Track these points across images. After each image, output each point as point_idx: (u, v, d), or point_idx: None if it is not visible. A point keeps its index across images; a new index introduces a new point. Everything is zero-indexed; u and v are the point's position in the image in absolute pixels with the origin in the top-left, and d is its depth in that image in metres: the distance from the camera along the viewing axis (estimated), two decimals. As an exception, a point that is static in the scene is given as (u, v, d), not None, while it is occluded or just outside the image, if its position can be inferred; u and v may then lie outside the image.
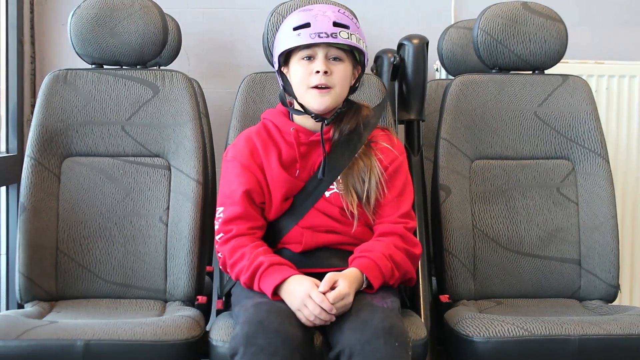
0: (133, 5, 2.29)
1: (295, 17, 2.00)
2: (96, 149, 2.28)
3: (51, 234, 2.22)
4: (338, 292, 1.80)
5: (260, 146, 2.02)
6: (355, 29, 1.98)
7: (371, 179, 1.98)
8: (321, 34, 1.94)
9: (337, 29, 1.95)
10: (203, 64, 3.12)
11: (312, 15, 1.97)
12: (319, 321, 1.79)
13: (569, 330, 1.92)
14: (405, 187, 2.03)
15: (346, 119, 2.02)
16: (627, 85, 2.97)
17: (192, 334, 1.91)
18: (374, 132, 2.06)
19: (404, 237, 1.96)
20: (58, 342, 1.83)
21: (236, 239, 1.96)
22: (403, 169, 2.04)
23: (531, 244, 2.30)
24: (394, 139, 2.08)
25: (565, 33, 2.35)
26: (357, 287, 1.86)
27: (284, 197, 1.99)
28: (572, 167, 2.34)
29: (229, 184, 2.01)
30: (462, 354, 1.98)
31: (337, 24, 1.96)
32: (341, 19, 1.97)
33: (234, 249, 1.94)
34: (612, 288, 2.28)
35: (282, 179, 1.99)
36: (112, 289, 2.23)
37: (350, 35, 1.96)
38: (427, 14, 3.12)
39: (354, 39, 1.96)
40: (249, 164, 2.01)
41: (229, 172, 2.03)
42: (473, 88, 2.35)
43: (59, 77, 2.29)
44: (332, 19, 1.96)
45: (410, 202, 2.02)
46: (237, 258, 1.92)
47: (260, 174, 2.00)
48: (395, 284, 1.94)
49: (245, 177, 2.00)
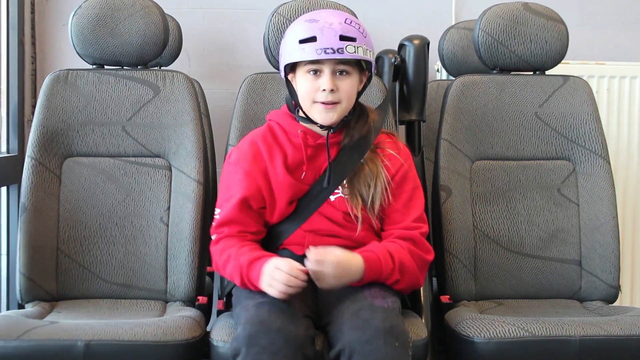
0: (134, 6, 2.29)
1: (301, 28, 1.95)
2: (97, 149, 2.28)
3: (52, 234, 2.22)
4: (326, 251, 1.81)
5: (265, 150, 2.01)
6: (362, 39, 1.93)
7: (377, 185, 1.97)
8: (327, 50, 1.90)
9: (343, 43, 1.90)
10: (204, 64, 3.12)
11: (318, 28, 1.91)
12: (291, 290, 1.78)
13: (569, 331, 1.92)
14: (415, 192, 2.01)
15: (356, 125, 1.99)
16: (628, 86, 2.97)
17: (193, 335, 1.91)
18: (379, 137, 2.05)
19: (418, 242, 1.96)
20: (59, 343, 1.83)
21: (225, 240, 1.96)
22: (411, 175, 2.03)
23: (532, 244, 2.30)
24: (400, 145, 2.07)
25: (566, 34, 2.35)
26: (348, 268, 1.85)
27: (288, 201, 1.99)
28: (573, 167, 2.34)
29: (228, 188, 2.01)
30: (462, 354, 1.98)
31: (343, 37, 1.91)
32: (348, 31, 1.92)
33: (221, 250, 1.95)
34: (612, 289, 2.28)
35: (287, 184, 1.98)
36: (112, 290, 2.23)
37: (357, 48, 1.91)
38: (427, 14, 3.12)
39: (361, 52, 1.92)
40: (251, 169, 1.99)
41: (230, 175, 2.02)
42: (474, 89, 2.35)
43: (59, 77, 2.29)
44: (339, 31, 1.91)
45: (421, 206, 2.01)
46: (225, 260, 1.93)
47: (263, 179, 1.99)
48: (395, 285, 1.93)
49: (245, 183, 1.98)
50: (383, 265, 1.89)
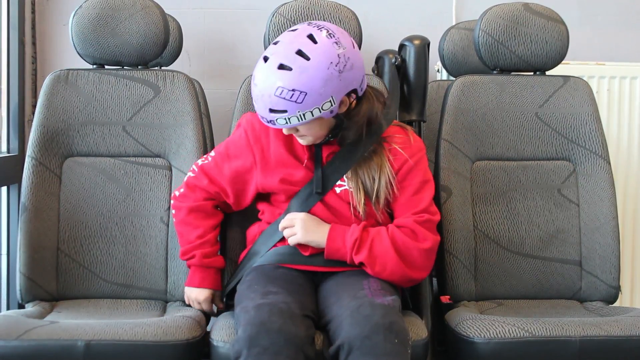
0: (134, 6, 2.29)
1: (252, 82, 1.92)
2: (97, 149, 2.28)
3: (52, 234, 2.23)
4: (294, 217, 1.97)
5: (271, 131, 2.03)
6: (295, 107, 1.84)
7: (381, 178, 1.97)
8: (263, 118, 1.91)
9: (273, 116, 1.87)
10: (204, 64, 3.12)
11: (255, 95, 1.90)
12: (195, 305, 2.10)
13: (569, 332, 1.92)
14: (423, 186, 2.01)
15: (348, 133, 1.97)
16: (628, 87, 2.97)
17: (193, 335, 1.91)
18: (389, 130, 2.03)
19: (410, 229, 1.96)
20: (59, 343, 1.83)
21: (192, 213, 2.08)
22: (420, 168, 2.02)
23: (532, 245, 2.30)
24: (410, 139, 2.05)
25: (566, 34, 2.35)
26: (316, 225, 1.96)
27: (283, 181, 2.01)
28: (573, 168, 2.34)
29: (228, 157, 2.07)
30: (463, 355, 1.98)
31: (273, 110, 1.87)
32: (277, 105, 1.85)
33: (185, 222, 2.09)
34: (612, 289, 2.28)
35: (283, 162, 2.01)
36: (113, 289, 2.23)
37: (288, 119, 1.86)
38: (428, 14, 3.12)
39: (295, 120, 1.86)
40: (255, 140, 2.04)
41: (235, 142, 2.08)
42: (474, 89, 2.35)
43: (60, 77, 2.29)
44: (268, 104, 1.86)
45: (428, 198, 2.01)
46: (182, 231, 2.10)
47: (259, 154, 2.03)
48: (368, 269, 1.95)
49: (242, 160, 2.04)
50: (347, 237, 1.93)
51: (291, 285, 1.92)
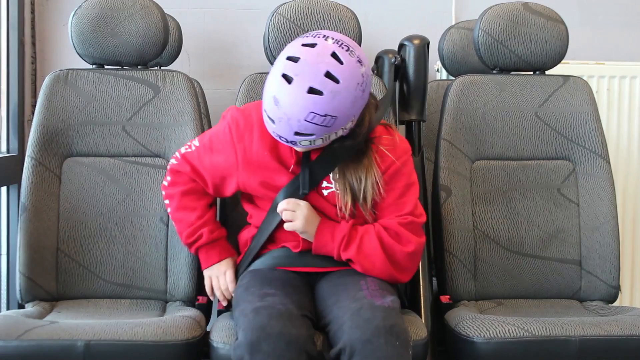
0: (134, 6, 2.29)
1: (267, 100, 1.84)
2: (97, 149, 2.28)
3: (52, 234, 2.22)
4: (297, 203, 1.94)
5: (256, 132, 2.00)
6: (322, 131, 1.81)
7: (367, 179, 1.94)
8: (282, 138, 1.86)
9: (297, 138, 1.83)
10: (204, 64, 3.12)
11: (277, 116, 1.82)
12: (218, 293, 2.09)
13: (569, 331, 1.92)
14: (408, 189, 1.98)
15: (346, 142, 1.93)
16: (628, 86, 2.97)
17: (193, 335, 1.91)
18: (377, 131, 2.00)
19: (397, 232, 1.94)
20: (59, 343, 1.83)
21: (185, 195, 2.07)
22: (405, 170, 1.99)
23: (532, 244, 2.30)
24: (396, 140, 2.02)
25: (566, 34, 2.35)
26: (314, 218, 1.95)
27: (264, 184, 1.99)
28: (573, 167, 2.34)
29: (211, 150, 2.04)
30: (462, 354, 1.98)
31: (299, 133, 1.82)
32: (306, 129, 1.80)
33: (181, 207, 2.08)
34: (612, 289, 2.28)
35: (265, 165, 1.98)
36: (112, 289, 2.23)
37: (313, 142, 1.84)
38: (428, 14, 3.12)
39: (320, 142, 1.85)
40: (238, 139, 2.01)
41: (219, 136, 2.05)
42: (474, 89, 2.35)
43: (59, 77, 2.29)
44: (294, 128, 1.81)
45: (413, 201, 1.98)
46: (181, 217, 2.08)
47: (242, 154, 2.00)
48: (356, 266, 1.95)
49: (224, 156, 2.02)
50: (336, 233, 1.93)
51: (288, 286, 1.91)
